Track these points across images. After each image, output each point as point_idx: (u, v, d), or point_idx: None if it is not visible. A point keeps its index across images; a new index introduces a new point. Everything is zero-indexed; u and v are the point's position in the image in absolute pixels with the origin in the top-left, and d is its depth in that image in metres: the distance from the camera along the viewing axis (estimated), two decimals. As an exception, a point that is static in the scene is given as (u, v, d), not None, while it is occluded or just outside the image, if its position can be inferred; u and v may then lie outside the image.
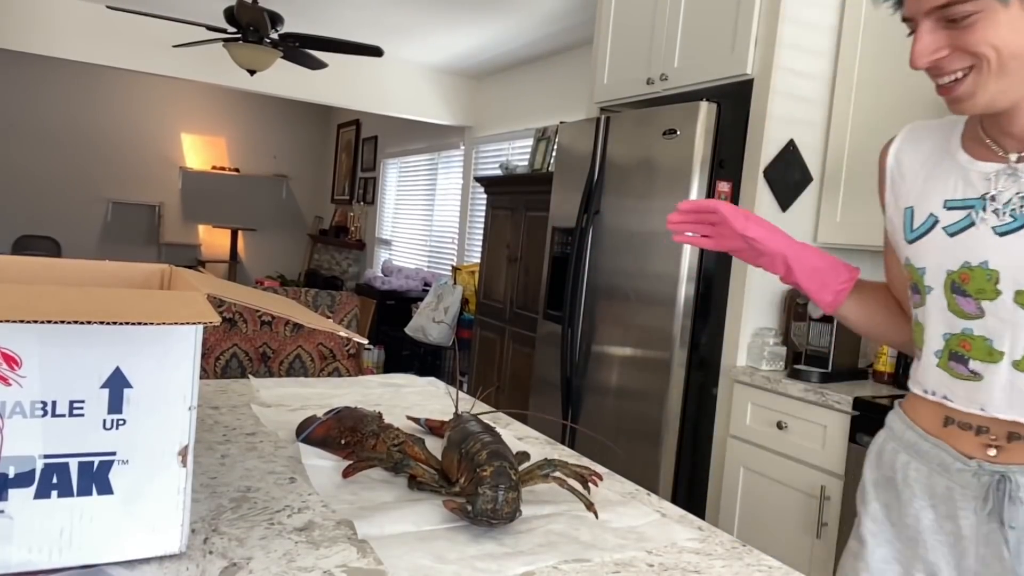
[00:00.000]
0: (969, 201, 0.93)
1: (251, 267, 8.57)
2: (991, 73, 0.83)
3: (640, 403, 2.56)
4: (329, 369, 2.31)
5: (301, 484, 0.99)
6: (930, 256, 0.96)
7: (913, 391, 1.02)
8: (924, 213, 0.97)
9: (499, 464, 0.87)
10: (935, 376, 0.97)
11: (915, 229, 0.98)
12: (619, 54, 2.99)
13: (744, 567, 0.86)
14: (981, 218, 0.92)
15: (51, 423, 0.68)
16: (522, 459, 1.03)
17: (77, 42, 4.97)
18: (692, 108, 2.41)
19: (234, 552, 0.78)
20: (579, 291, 2.85)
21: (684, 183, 2.42)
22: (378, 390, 1.62)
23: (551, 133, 4.27)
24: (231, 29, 4.13)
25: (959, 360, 0.94)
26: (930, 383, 0.98)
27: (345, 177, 8.43)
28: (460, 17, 4.58)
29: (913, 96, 2.23)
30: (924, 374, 0.99)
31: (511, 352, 4.04)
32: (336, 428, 1.12)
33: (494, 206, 4.34)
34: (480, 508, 0.85)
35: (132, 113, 7.78)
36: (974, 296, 0.92)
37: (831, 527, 2.06)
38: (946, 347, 0.96)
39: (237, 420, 1.29)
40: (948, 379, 0.96)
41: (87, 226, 7.69)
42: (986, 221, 0.91)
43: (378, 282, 6.29)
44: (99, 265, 0.99)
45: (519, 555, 0.83)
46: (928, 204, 0.97)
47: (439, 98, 6.14)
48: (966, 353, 0.93)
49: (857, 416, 2.02)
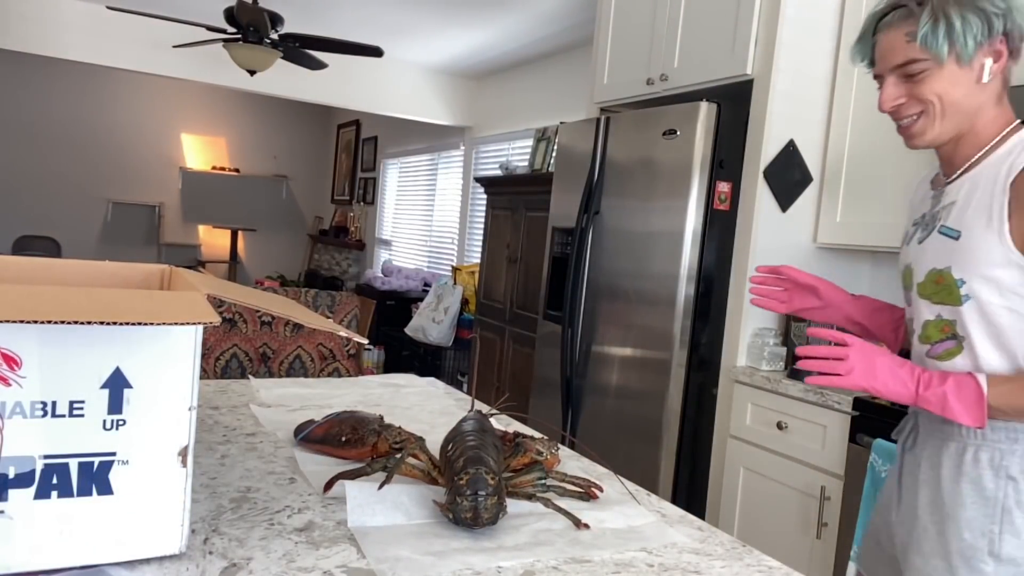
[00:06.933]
0: (916, 219, 1.25)
1: (251, 267, 8.57)
2: (937, 116, 1.11)
3: (640, 403, 2.56)
4: (329, 369, 2.31)
5: (301, 484, 0.99)
6: (901, 261, 1.27)
7: None
8: (906, 230, 1.29)
9: (475, 471, 0.87)
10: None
11: (903, 241, 1.29)
12: (619, 54, 2.99)
13: (744, 567, 0.86)
14: (915, 232, 1.23)
15: (51, 423, 0.68)
16: (516, 452, 1.03)
17: (77, 42, 4.97)
18: (692, 108, 2.41)
19: (234, 552, 0.78)
20: (579, 291, 2.85)
21: (684, 183, 2.42)
22: (378, 390, 1.62)
23: (551, 133, 4.27)
24: (231, 29, 4.13)
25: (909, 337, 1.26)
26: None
27: (345, 177, 8.43)
28: (460, 17, 4.58)
29: None
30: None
31: (511, 352, 4.04)
32: (337, 427, 1.12)
33: (494, 206, 4.34)
34: (460, 516, 0.86)
35: (132, 113, 7.78)
36: (906, 288, 1.24)
37: (831, 527, 2.06)
38: (907, 327, 1.27)
39: (237, 420, 1.29)
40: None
41: (87, 226, 7.69)
42: (915, 234, 1.22)
43: (378, 282, 6.29)
44: (99, 265, 0.99)
45: (517, 552, 0.83)
46: (908, 223, 1.29)
47: (439, 98, 6.14)
48: (909, 333, 1.24)
49: (857, 416, 2.02)
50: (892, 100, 1.13)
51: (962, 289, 1.11)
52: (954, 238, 1.12)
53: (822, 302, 1.38)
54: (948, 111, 1.10)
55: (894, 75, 1.12)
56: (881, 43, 1.13)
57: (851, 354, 1.10)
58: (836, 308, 1.38)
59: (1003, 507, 1.08)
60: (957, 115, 1.10)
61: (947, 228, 1.14)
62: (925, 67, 1.08)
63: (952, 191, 1.16)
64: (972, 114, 1.11)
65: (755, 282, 1.42)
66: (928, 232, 1.18)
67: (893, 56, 1.11)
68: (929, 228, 1.18)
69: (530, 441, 1.07)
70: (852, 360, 1.09)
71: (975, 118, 1.11)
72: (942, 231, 1.14)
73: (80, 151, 7.56)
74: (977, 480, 1.10)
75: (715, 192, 2.41)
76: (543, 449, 1.06)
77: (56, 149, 7.46)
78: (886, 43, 1.12)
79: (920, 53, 1.08)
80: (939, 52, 1.07)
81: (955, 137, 1.13)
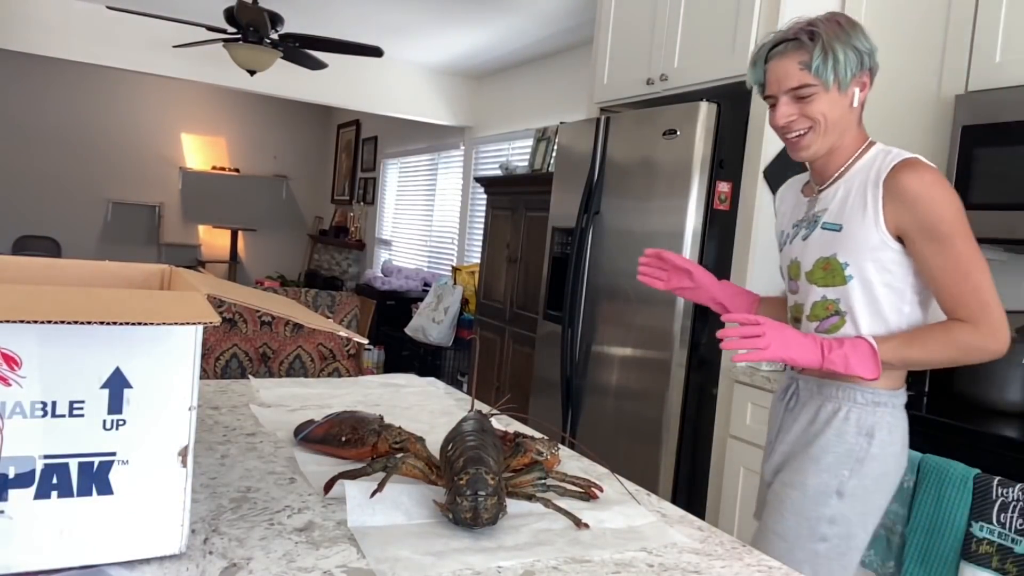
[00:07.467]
0: (796, 222, 1.49)
1: (251, 267, 8.57)
2: (821, 132, 1.35)
3: (640, 403, 2.56)
4: (329, 369, 2.31)
5: (301, 484, 0.99)
6: (785, 258, 1.52)
7: None
8: (784, 232, 1.54)
9: (475, 471, 0.87)
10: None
11: (781, 244, 1.56)
12: (619, 54, 2.99)
13: (744, 567, 0.86)
14: (796, 232, 1.48)
15: (51, 423, 0.68)
16: (516, 452, 1.03)
17: (77, 42, 4.97)
18: (692, 108, 2.41)
19: (234, 552, 0.78)
20: (579, 291, 2.85)
21: (684, 183, 2.42)
22: (378, 390, 1.62)
23: (551, 133, 4.27)
24: (231, 29, 4.13)
25: (795, 321, 1.49)
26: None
27: (345, 177, 8.43)
28: (460, 17, 4.58)
29: (911, 97, 2.24)
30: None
31: (511, 352, 4.04)
32: (337, 427, 1.12)
33: (494, 206, 4.33)
34: (459, 517, 0.86)
35: (132, 113, 7.78)
36: (792, 279, 1.49)
37: (831, 527, 2.06)
38: (790, 313, 1.52)
39: (237, 420, 1.29)
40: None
41: (87, 226, 7.69)
42: (797, 234, 1.47)
43: (378, 282, 6.29)
44: (99, 265, 0.99)
45: (517, 552, 0.83)
46: (785, 226, 1.54)
47: (439, 98, 6.14)
48: (798, 315, 1.47)
49: (857, 416, 2.02)
50: (785, 117, 1.35)
51: (847, 271, 1.35)
52: (837, 231, 1.37)
53: (694, 284, 1.62)
54: (829, 128, 1.34)
55: (787, 96, 1.35)
56: (775, 69, 1.35)
57: (766, 331, 1.28)
58: (705, 290, 1.62)
59: (856, 457, 1.36)
60: (834, 132, 1.35)
61: (829, 224, 1.38)
62: (814, 91, 1.32)
63: (826, 196, 1.41)
64: (843, 132, 1.36)
65: (642, 263, 1.66)
66: (811, 230, 1.42)
67: (788, 80, 1.33)
68: (812, 227, 1.43)
69: (530, 441, 1.07)
70: (768, 335, 1.28)
71: (844, 135, 1.37)
72: (825, 227, 1.39)
73: (80, 151, 7.57)
74: (842, 434, 1.37)
75: (715, 192, 2.41)
76: (543, 449, 1.06)
77: (56, 149, 7.46)
78: (780, 69, 1.34)
79: (811, 79, 1.31)
80: (826, 79, 1.31)
81: (829, 151, 1.38)
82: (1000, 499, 1.56)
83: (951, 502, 1.63)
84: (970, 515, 1.60)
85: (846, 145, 1.38)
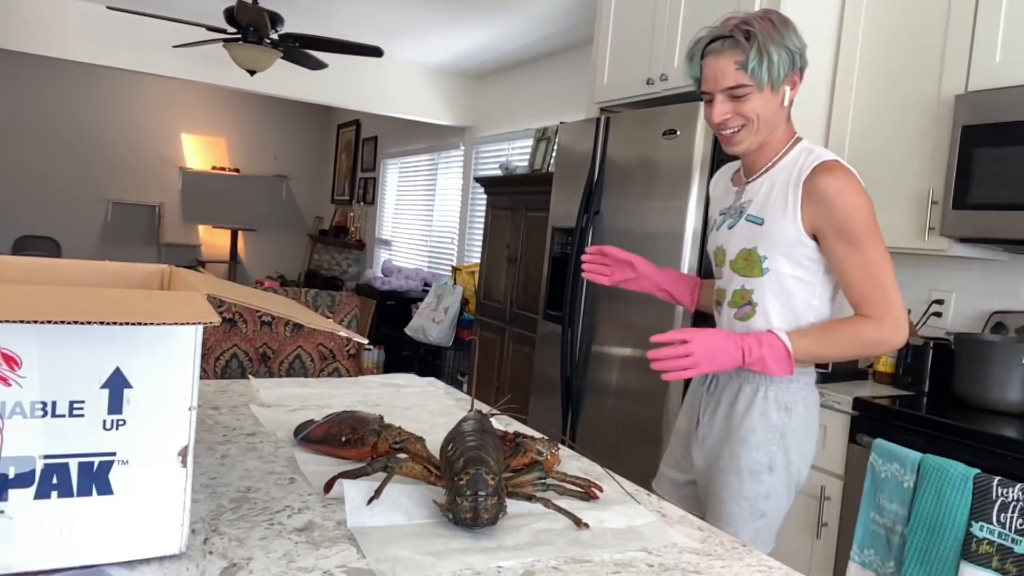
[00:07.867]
0: (723, 210, 1.55)
1: (251, 267, 8.57)
2: (754, 129, 1.40)
3: (640, 403, 2.56)
4: (329, 369, 2.31)
5: (301, 484, 0.99)
6: (713, 243, 1.57)
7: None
8: (713, 218, 1.60)
9: (475, 471, 0.87)
10: (716, 317, 1.59)
11: (710, 228, 1.61)
12: (619, 54, 2.99)
13: (744, 567, 0.86)
14: (723, 220, 1.54)
15: (51, 423, 0.68)
16: (516, 452, 1.03)
17: (77, 42, 4.97)
18: (692, 108, 2.41)
19: (234, 552, 0.78)
20: (579, 291, 2.85)
21: (684, 183, 2.42)
22: (378, 390, 1.62)
23: (551, 133, 4.27)
24: (231, 29, 4.13)
25: (719, 304, 1.55)
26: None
27: (345, 177, 8.43)
28: (460, 17, 4.58)
29: (911, 96, 2.23)
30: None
31: (511, 352, 4.04)
32: (337, 427, 1.12)
33: (494, 206, 4.33)
34: (459, 517, 0.86)
35: (132, 113, 7.78)
36: (718, 265, 1.54)
37: (831, 527, 2.06)
38: (715, 296, 1.57)
39: (237, 420, 1.29)
40: (716, 317, 1.58)
41: (87, 226, 7.69)
42: (724, 222, 1.53)
43: (378, 282, 6.28)
44: (99, 265, 0.99)
45: (517, 552, 0.83)
46: (714, 212, 1.61)
47: (439, 98, 6.14)
48: (721, 299, 1.53)
49: (857, 416, 2.02)
50: (721, 115, 1.41)
51: (764, 264, 1.42)
52: (759, 224, 1.43)
53: (637, 274, 1.69)
54: (761, 126, 1.40)
55: (723, 95, 1.39)
56: (712, 67, 1.39)
57: (693, 349, 1.32)
58: (648, 279, 1.70)
59: (780, 432, 1.44)
60: (766, 129, 1.41)
61: (752, 216, 1.45)
62: (749, 91, 1.37)
63: (752, 188, 1.47)
64: (774, 128, 1.43)
65: (585, 260, 1.72)
66: (736, 220, 1.48)
67: (724, 79, 1.38)
68: (737, 217, 1.49)
69: (530, 441, 1.07)
70: (696, 354, 1.32)
71: (775, 132, 1.43)
72: (748, 219, 1.45)
73: (80, 151, 7.56)
74: (765, 412, 1.44)
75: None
76: (543, 449, 1.06)
77: (56, 149, 7.46)
78: (717, 68, 1.38)
79: (747, 79, 1.36)
80: (761, 79, 1.36)
81: (760, 146, 1.44)
82: (1000, 499, 1.56)
83: (951, 502, 1.63)
84: (970, 515, 1.60)
85: (775, 140, 1.45)
